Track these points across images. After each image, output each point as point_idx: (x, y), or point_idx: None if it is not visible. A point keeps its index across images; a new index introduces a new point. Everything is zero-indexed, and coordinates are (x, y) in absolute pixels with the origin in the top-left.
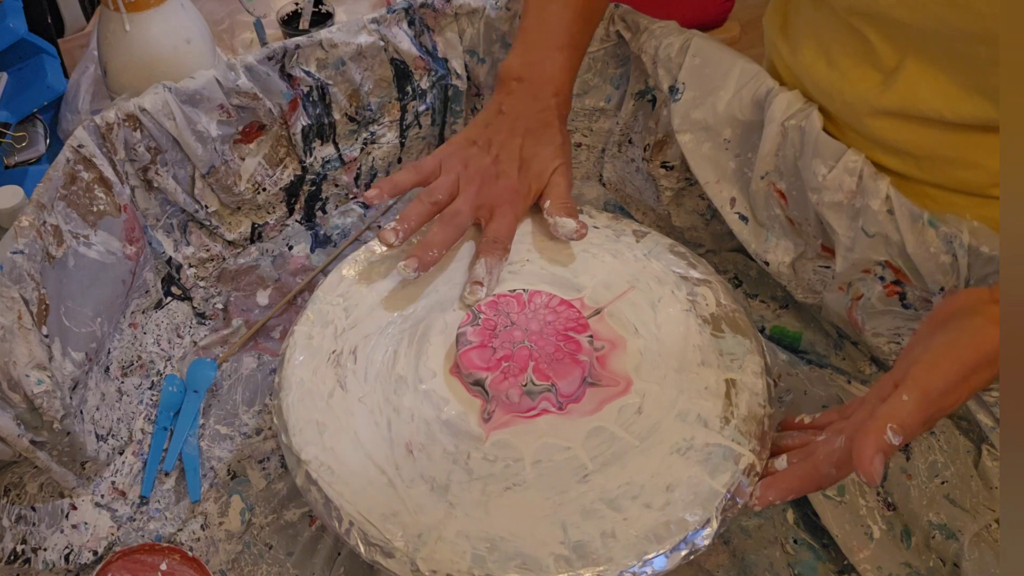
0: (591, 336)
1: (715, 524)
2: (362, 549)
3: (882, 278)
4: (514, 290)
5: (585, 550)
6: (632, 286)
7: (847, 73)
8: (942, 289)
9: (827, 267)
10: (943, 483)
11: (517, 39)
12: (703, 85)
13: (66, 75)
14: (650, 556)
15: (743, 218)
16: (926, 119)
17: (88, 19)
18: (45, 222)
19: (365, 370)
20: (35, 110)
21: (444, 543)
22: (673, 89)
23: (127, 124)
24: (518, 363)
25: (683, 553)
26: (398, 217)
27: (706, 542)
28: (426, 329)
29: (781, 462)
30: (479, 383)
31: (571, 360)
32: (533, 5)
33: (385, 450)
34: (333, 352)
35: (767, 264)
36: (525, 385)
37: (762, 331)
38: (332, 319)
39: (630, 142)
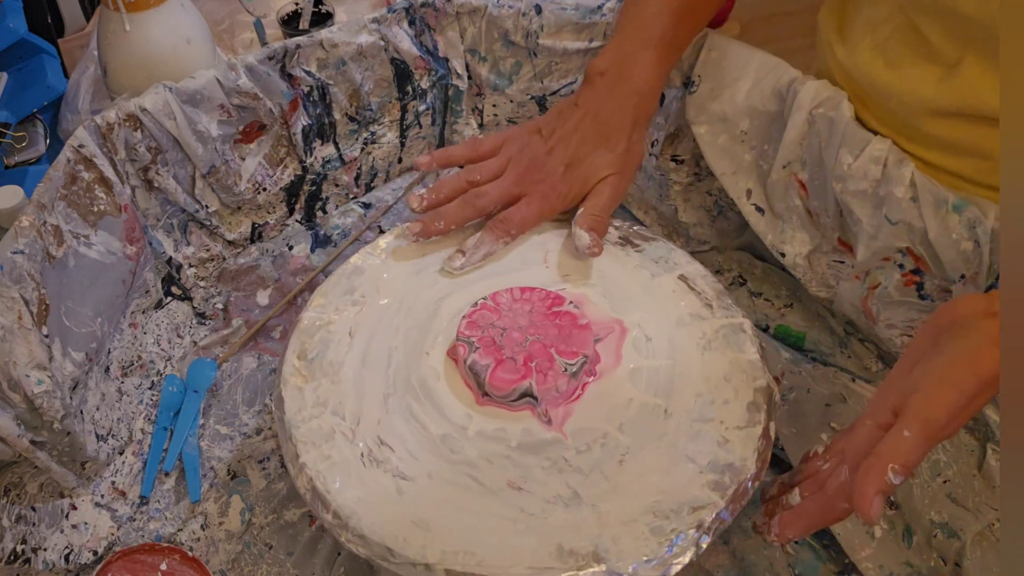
0: (571, 302)
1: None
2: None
3: (901, 266)
4: (476, 303)
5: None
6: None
7: (905, 72)
8: (962, 277)
9: (841, 262)
10: (945, 482)
11: (612, 36)
12: (720, 77)
13: (66, 75)
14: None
15: (759, 210)
16: (985, 118)
17: (88, 19)
18: (45, 222)
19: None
20: (35, 110)
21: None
22: (688, 82)
23: (127, 124)
24: (542, 357)
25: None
26: (432, 185)
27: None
28: (420, 382)
29: (795, 497)
30: (526, 394)
31: (577, 329)
32: (630, 3)
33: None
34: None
35: (783, 256)
36: (565, 370)
37: (766, 330)
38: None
39: None
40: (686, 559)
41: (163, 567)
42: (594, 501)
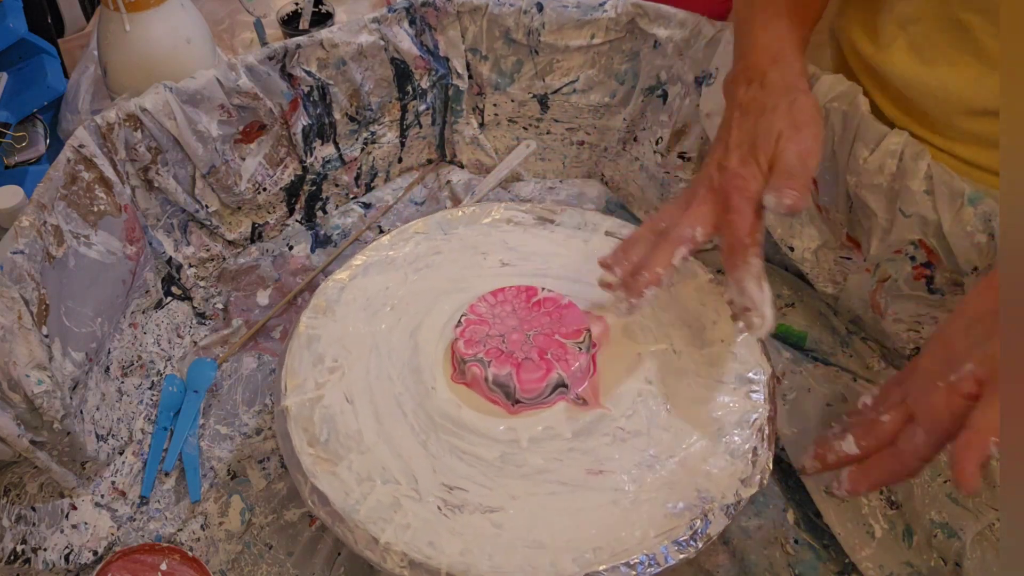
0: (543, 288)
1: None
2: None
3: (913, 258)
4: (459, 321)
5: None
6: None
7: (941, 70)
8: (975, 269)
9: (848, 258)
10: (946, 482)
11: (739, 52)
12: None
13: (66, 75)
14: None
15: None
16: None
17: (88, 19)
18: (45, 222)
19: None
20: (35, 110)
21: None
22: (704, 76)
23: (128, 124)
24: (553, 346)
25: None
26: (620, 246)
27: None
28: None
29: (849, 444)
30: (558, 385)
31: (564, 309)
32: (745, 17)
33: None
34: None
35: (792, 250)
36: (580, 350)
37: None
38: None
39: (635, 139)
40: (770, 465)
41: (163, 567)
42: (669, 454)
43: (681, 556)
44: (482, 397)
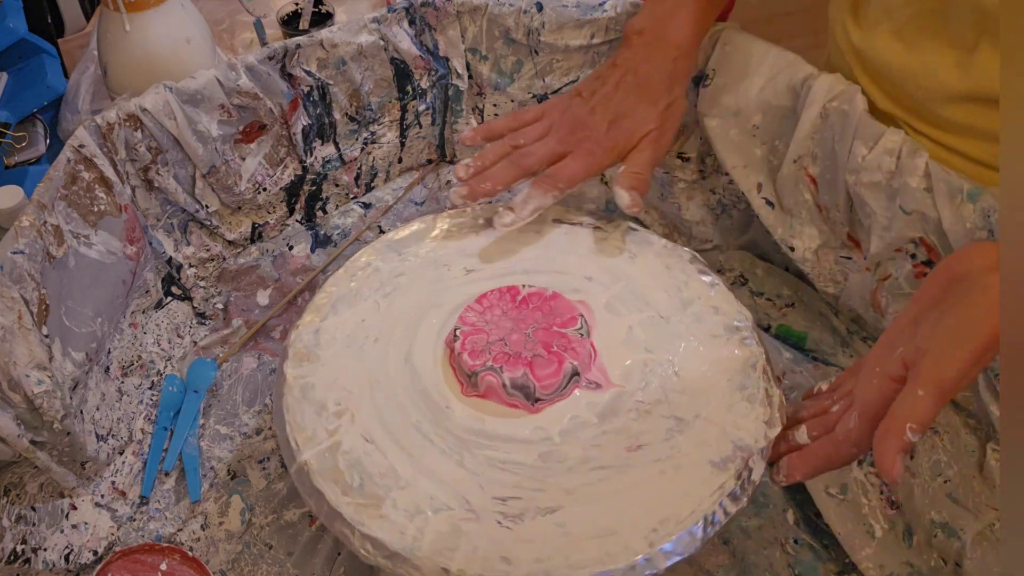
0: (524, 284)
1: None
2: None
3: (913, 256)
4: (455, 335)
5: None
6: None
7: (924, 56)
8: None
9: (849, 258)
10: (946, 482)
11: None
12: (734, 71)
13: (66, 75)
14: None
15: (769, 203)
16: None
17: (88, 19)
18: (46, 222)
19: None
20: (35, 110)
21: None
22: (703, 76)
23: (128, 124)
24: (555, 337)
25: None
26: (477, 153)
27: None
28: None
29: (802, 434)
30: (573, 375)
31: (553, 300)
32: None
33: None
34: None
35: (792, 250)
36: (581, 335)
37: (767, 330)
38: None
39: None
40: (784, 402)
41: (163, 567)
42: (694, 414)
43: (736, 508)
44: (500, 403)
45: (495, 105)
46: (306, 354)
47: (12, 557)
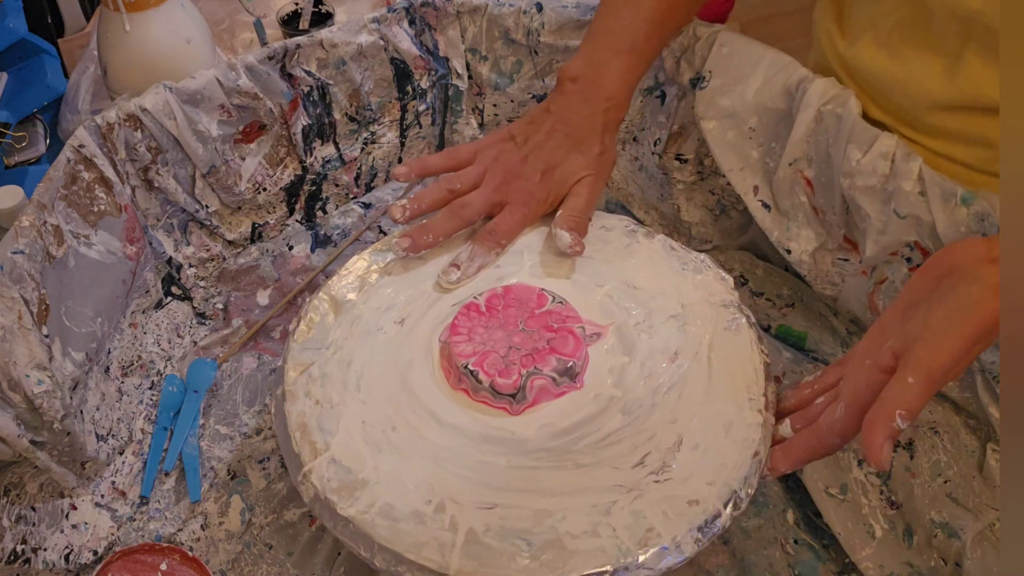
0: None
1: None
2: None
3: (909, 259)
4: (467, 358)
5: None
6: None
7: (908, 65)
8: None
9: (846, 260)
10: (946, 482)
11: (583, 42)
12: (731, 73)
13: (66, 75)
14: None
15: (766, 206)
16: (988, 110)
17: (88, 19)
18: (46, 222)
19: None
20: (35, 110)
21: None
22: (699, 78)
23: (128, 124)
24: (551, 329)
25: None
26: (412, 196)
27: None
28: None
29: (785, 428)
30: (571, 368)
31: (539, 296)
32: (604, 10)
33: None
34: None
35: (789, 252)
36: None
37: (767, 330)
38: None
39: (635, 139)
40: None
41: (163, 567)
42: (704, 388)
43: (760, 464)
44: (494, 405)
45: (495, 105)
46: (301, 425)
47: (12, 557)
